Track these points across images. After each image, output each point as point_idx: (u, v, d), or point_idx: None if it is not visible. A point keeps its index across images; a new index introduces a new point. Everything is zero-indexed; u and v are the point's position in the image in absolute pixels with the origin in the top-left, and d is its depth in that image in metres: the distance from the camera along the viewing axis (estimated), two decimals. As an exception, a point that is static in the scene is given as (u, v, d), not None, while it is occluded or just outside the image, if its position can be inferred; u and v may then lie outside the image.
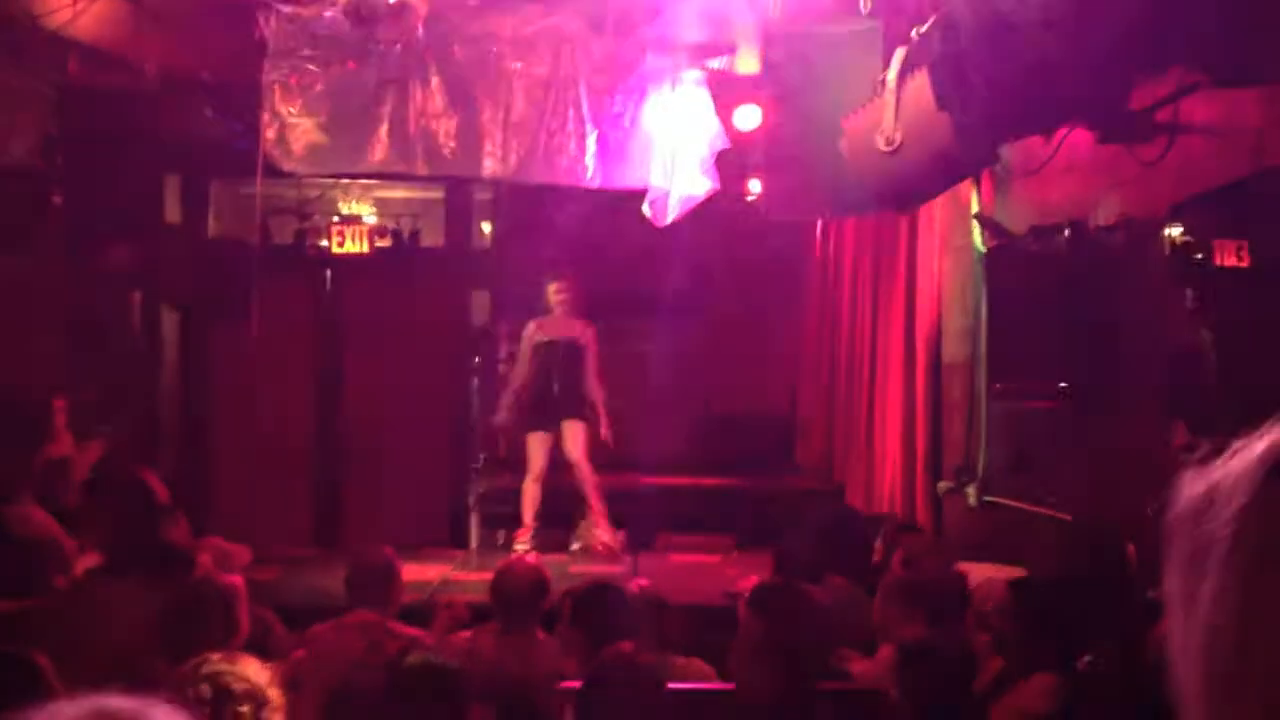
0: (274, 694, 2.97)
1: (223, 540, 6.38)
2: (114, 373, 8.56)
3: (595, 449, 8.20)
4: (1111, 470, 5.21)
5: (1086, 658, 3.34)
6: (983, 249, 6.59)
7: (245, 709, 2.78)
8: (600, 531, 7.96)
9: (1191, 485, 0.87)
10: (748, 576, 6.37)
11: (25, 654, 2.82)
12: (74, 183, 7.42)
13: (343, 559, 5.41)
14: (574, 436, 8.11)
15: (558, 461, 8.28)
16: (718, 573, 7.39)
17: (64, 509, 5.26)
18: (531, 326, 8.24)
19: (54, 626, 4.26)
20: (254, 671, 2.96)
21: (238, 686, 2.79)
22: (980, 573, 5.20)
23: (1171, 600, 0.88)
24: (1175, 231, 4.45)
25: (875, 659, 4.40)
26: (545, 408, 8.09)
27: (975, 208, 6.66)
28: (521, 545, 7.89)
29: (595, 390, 8.18)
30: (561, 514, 8.60)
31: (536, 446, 8.06)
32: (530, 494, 8.10)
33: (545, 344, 8.13)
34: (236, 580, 4.19)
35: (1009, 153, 6.18)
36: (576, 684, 3.51)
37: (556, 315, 8.10)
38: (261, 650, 3.55)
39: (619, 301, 9.71)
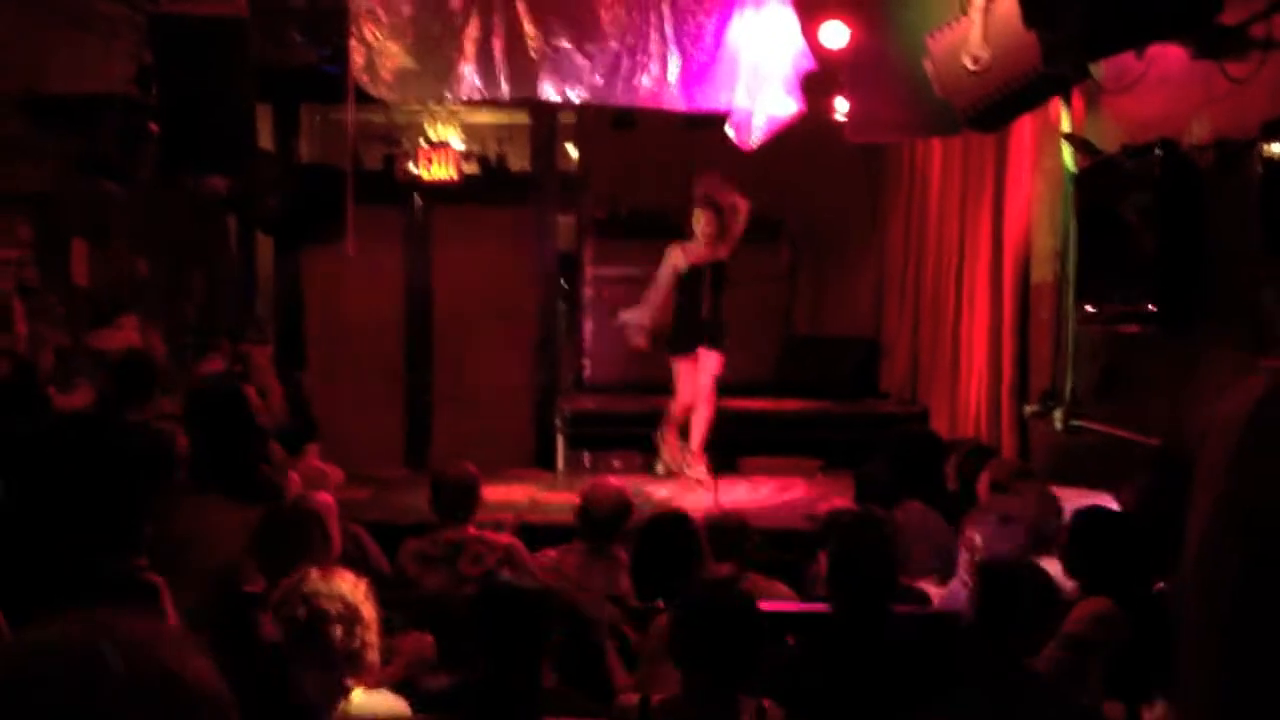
0: (367, 610, 3.09)
1: (317, 460, 6.60)
2: (211, 295, 8.79)
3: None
4: (1200, 394, 5.14)
5: (1160, 586, 3.34)
6: (1073, 169, 6.47)
7: (338, 630, 2.89)
8: (696, 466, 7.88)
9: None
10: (830, 500, 6.43)
11: (142, 574, 2.94)
12: (169, 110, 7.55)
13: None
14: (708, 366, 8.04)
15: (646, 383, 8.23)
16: (801, 496, 7.44)
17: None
18: (676, 252, 7.97)
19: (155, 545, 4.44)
20: (349, 588, 3.07)
21: (332, 608, 2.89)
22: (1066, 498, 5.18)
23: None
24: (1270, 150, 4.34)
25: (952, 583, 4.43)
26: (691, 333, 7.97)
27: (1065, 126, 6.53)
28: (699, 471, 7.85)
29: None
30: (646, 437, 8.69)
31: (684, 372, 7.97)
32: (690, 420, 8.03)
33: (690, 270, 7.91)
34: (328, 499, 4.33)
35: (1100, 70, 6.04)
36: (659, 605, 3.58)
37: (700, 240, 7.91)
38: (356, 566, 3.68)
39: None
